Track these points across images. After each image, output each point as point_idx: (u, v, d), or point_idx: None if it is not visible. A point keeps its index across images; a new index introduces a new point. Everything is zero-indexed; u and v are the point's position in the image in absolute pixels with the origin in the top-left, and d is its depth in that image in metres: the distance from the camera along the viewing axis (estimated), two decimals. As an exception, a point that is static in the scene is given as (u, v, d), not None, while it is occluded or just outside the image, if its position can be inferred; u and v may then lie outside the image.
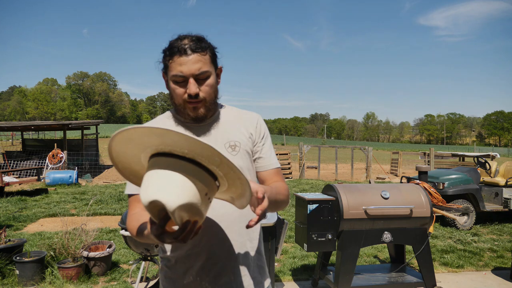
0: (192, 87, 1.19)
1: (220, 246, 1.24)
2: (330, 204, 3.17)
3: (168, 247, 1.29)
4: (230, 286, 1.25)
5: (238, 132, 1.33)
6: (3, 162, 14.39)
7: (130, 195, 1.28)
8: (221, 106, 1.39)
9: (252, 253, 1.31)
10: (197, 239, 1.22)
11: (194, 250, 1.23)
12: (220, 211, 1.23)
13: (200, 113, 1.25)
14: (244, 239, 1.28)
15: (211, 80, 1.23)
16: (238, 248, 1.27)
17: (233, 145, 1.30)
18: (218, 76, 1.29)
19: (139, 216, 1.18)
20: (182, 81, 1.20)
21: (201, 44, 1.20)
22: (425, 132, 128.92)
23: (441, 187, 6.36)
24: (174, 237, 0.94)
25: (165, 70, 1.25)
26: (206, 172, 0.97)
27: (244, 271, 1.28)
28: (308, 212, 3.14)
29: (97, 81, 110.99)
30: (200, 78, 1.21)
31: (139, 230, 1.13)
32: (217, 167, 0.98)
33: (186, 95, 1.21)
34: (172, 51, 1.19)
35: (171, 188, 0.92)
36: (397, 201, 3.28)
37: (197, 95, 1.20)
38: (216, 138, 1.30)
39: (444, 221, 6.56)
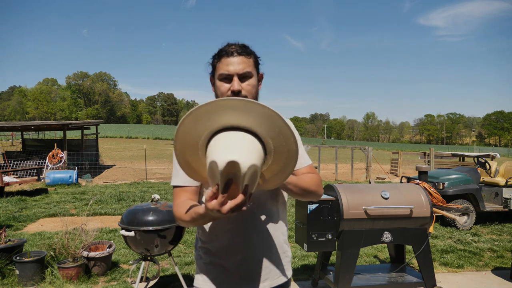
0: (236, 84, 1.33)
1: (258, 237, 1.37)
2: (330, 204, 3.17)
3: (207, 237, 1.40)
4: (264, 274, 1.38)
5: None
6: (3, 162, 14.39)
7: (176, 186, 1.39)
8: None
9: (284, 245, 1.46)
10: (235, 231, 1.35)
11: (234, 241, 1.35)
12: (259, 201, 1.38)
13: None
14: (278, 232, 1.42)
15: (253, 80, 1.37)
16: (273, 240, 1.41)
17: None
18: (259, 80, 1.43)
19: (188, 202, 1.30)
20: (227, 78, 1.35)
21: (246, 49, 1.37)
22: (425, 132, 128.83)
23: (441, 187, 6.36)
24: (232, 204, 1.00)
25: (213, 72, 1.40)
26: (262, 144, 1.07)
27: (276, 261, 1.42)
28: (308, 212, 3.14)
29: (97, 81, 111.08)
30: (243, 77, 1.35)
31: (192, 210, 1.22)
32: (272, 139, 1.07)
33: (229, 92, 1.34)
34: (220, 54, 1.36)
35: (242, 150, 1.01)
36: (397, 201, 3.28)
37: (239, 91, 1.34)
38: None
39: (444, 221, 6.56)
